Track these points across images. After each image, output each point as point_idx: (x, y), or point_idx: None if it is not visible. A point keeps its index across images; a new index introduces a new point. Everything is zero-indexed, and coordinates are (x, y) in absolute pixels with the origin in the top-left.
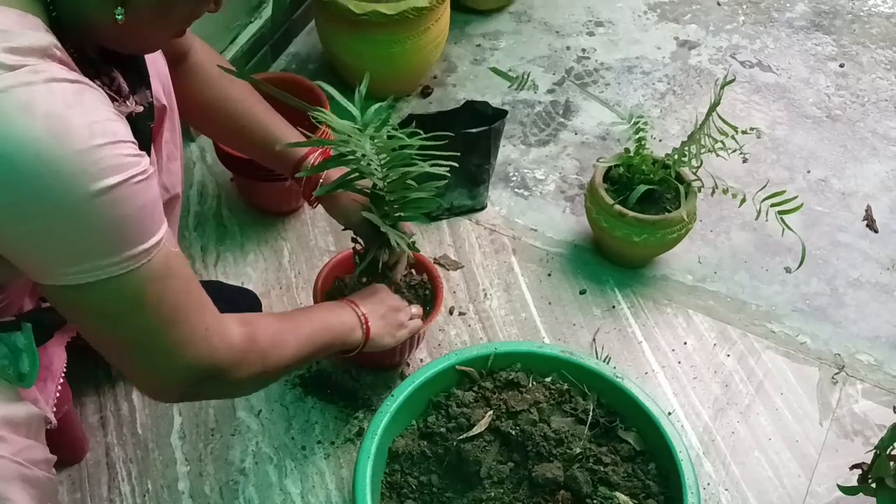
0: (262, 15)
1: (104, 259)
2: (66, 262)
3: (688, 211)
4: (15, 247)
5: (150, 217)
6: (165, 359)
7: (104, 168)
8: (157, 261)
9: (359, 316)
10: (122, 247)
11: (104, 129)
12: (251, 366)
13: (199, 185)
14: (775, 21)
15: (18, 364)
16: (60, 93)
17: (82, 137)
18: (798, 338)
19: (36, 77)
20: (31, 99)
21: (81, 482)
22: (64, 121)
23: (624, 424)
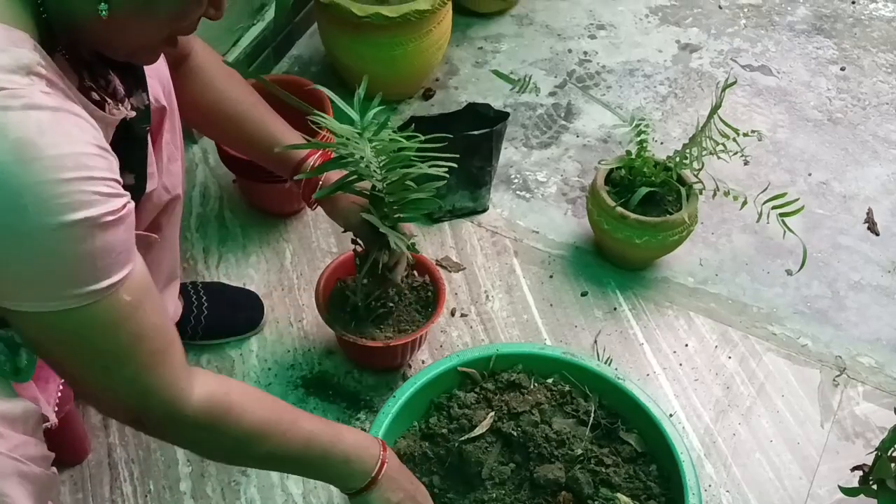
0: (265, 17)
1: (50, 292)
2: (12, 288)
3: (689, 213)
4: None
5: (108, 258)
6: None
7: (67, 203)
8: (108, 303)
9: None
10: (70, 284)
11: (76, 163)
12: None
13: (202, 187)
14: (776, 24)
15: (16, 359)
16: (36, 121)
17: (50, 168)
18: (799, 340)
19: (14, 101)
20: (5, 123)
21: (83, 482)
22: (34, 149)
23: (625, 426)
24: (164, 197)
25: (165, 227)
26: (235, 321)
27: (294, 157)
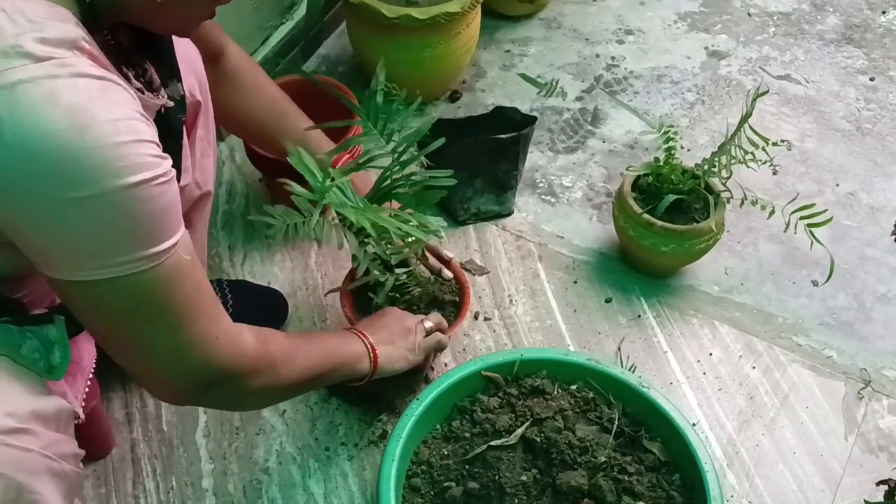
0: (294, 16)
1: (116, 257)
2: (78, 257)
3: (716, 222)
4: (29, 239)
5: (167, 220)
6: (171, 361)
7: (126, 166)
8: (167, 265)
9: (366, 345)
10: (136, 247)
11: (129, 127)
12: (261, 377)
13: (228, 185)
14: (806, 33)
15: (49, 356)
16: (85, 87)
17: (106, 133)
18: (824, 352)
19: (62, 70)
20: (56, 91)
21: (107, 477)
22: (88, 115)
23: (649, 434)
24: (196, 192)
25: (196, 223)
26: (260, 319)
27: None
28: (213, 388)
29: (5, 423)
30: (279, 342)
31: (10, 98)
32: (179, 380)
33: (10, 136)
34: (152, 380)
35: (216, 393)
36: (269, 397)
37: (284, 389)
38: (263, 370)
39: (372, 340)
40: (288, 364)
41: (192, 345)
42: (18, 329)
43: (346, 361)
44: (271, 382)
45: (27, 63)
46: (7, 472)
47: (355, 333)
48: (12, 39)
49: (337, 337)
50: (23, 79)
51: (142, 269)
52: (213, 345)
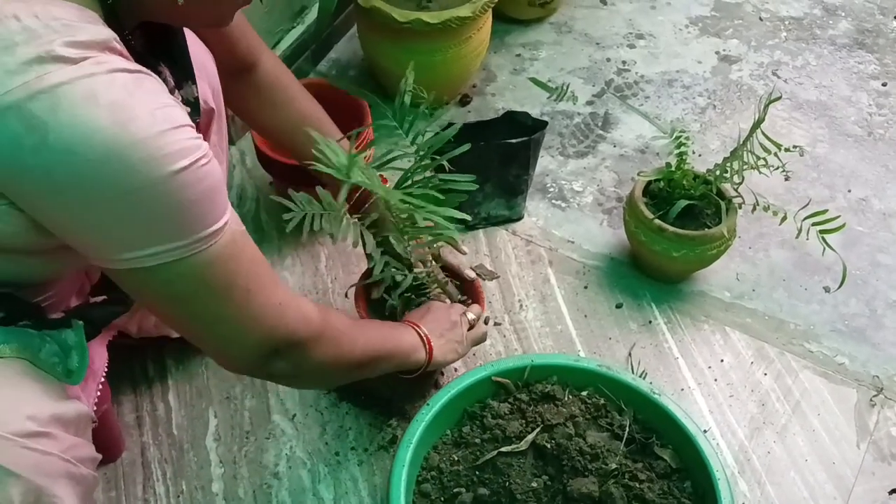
0: (305, 20)
1: (172, 242)
2: (134, 246)
3: (728, 227)
4: (85, 236)
5: (216, 199)
6: (238, 333)
7: (170, 153)
8: (225, 242)
9: (421, 336)
10: (190, 230)
11: (166, 116)
12: (325, 346)
13: (239, 189)
14: (818, 38)
15: (67, 361)
16: (122, 82)
17: (147, 124)
18: (836, 358)
19: (98, 68)
20: (94, 89)
21: (117, 481)
22: (128, 109)
23: (660, 441)
24: None
25: None
26: None
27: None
28: (279, 356)
29: (26, 427)
30: (339, 316)
31: (51, 101)
32: (248, 350)
33: (54, 138)
34: (222, 352)
35: (281, 362)
36: (329, 372)
37: (344, 366)
38: (326, 340)
39: (426, 331)
40: (349, 338)
41: (259, 314)
42: (38, 333)
43: (404, 349)
44: (334, 354)
45: (63, 66)
46: (27, 475)
47: (409, 324)
48: (46, 45)
49: (392, 325)
50: (62, 81)
51: (201, 250)
52: (279, 311)
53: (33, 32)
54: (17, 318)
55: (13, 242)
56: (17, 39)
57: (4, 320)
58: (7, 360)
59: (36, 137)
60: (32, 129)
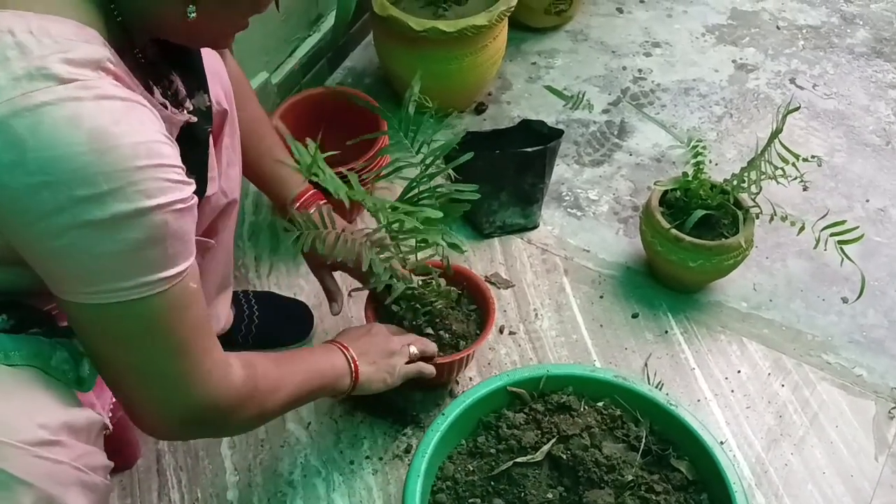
0: (321, 28)
1: (122, 281)
2: (84, 280)
3: (745, 237)
4: (43, 259)
5: (177, 247)
6: (163, 391)
7: (143, 190)
8: (175, 292)
9: (348, 360)
10: (143, 271)
11: (149, 151)
12: (248, 410)
13: (255, 196)
14: (835, 47)
15: (79, 368)
16: (109, 110)
17: (126, 156)
18: (854, 370)
19: (86, 93)
20: (79, 113)
21: (132, 488)
22: (109, 138)
23: (676, 453)
24: (222, 201)
25: (221, 232)
26: (285, 331)
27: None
28: (200, 423)
29: (37, 435)
30: (266, 371)
31: (33, 119)
32: (169, 412)
33: (31, 157)
34: (143, 410)
35: (203, 427)
36: (251, 426)
37: (266, 417)
38: (249, 403)
39: (354, 355)
40: (274, 393)
41: (185, 376)
42: (49, 341)
43: (329, 381)
44: (256, 412)
45: (52, 84)
46: (38, 483)
47: (339, 347)
48: (38, 61)
49: (321, 353)
50: (47, 101)
51: (149, 294)
52: (205, 378)
53: (26, 48)
54: (27, 326)
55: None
56: (9, 55)
57: (15, 328)
58: (18, 367)
59: (13, 155)
60: (11, 147)
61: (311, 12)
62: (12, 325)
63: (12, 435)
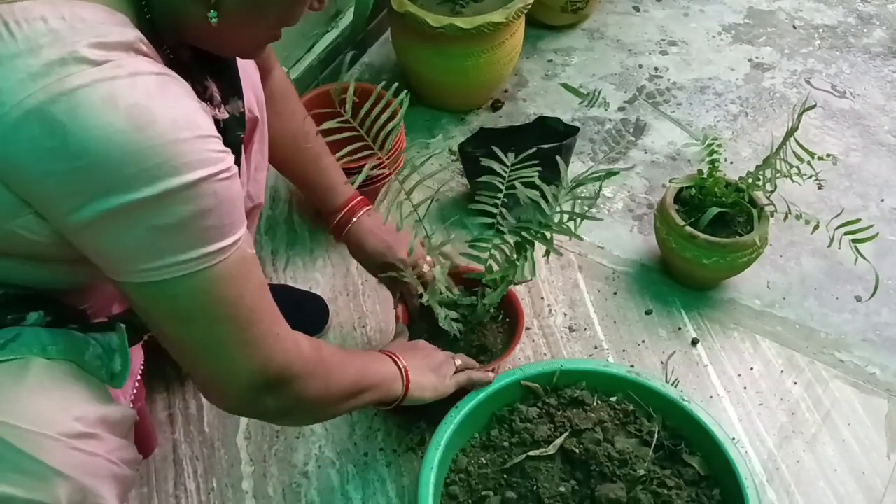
0: (340, 24)
1: (181, 255)
2: (143, 257)
3: (760, 235)
4: (96, 243)
5: (230, 215)
6: (234, 360)
7: (188, 162)
8: (234, 260)
9: (400, 368)
10: (200, 243)
11: (189, 123)
12: (316, 381)
13: (272, 190)
14: (852, 46)
15: (111, 364)
16: (144, 86)
17: (166, 130)
18: (867, 368)
19: (120, 71)
20: (115, 92)
21: (149, 477)
22: (148, 113)
23: (689, 448)
24: (248, 204)
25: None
26: (301, 324)
27: (337, 198)
28: (271, 391)
29: (74, 428)
30: (330, 349)
31: (70, 103)
32: (241, 381)
33: (72, 140)
34: (215, 383)
35: (273, 397)
36: (317, 408)
37: (332, 400)
38: (319, 374)
39: (405, 364)
40: (340, 370)
41: (256, 342)
42: (83, 336)
43: (385, 380)
44: (324, 389)
45: (85, 68)
46: (74, 475)
47: (388, 356)
48: (70, 46)
49: (372, 356)
50: (82, 83)
51: (207, 266)
52: (276, 342)
53: (58, 34)
54: (63, 322)
55: (46, 251)
56: (42, 41)
57: (51, 324)
58: (55, 361)
59: (55, 141)
60: (52, 133)
61: (330, 8)
62: (48, 321)
63: (50, 427)
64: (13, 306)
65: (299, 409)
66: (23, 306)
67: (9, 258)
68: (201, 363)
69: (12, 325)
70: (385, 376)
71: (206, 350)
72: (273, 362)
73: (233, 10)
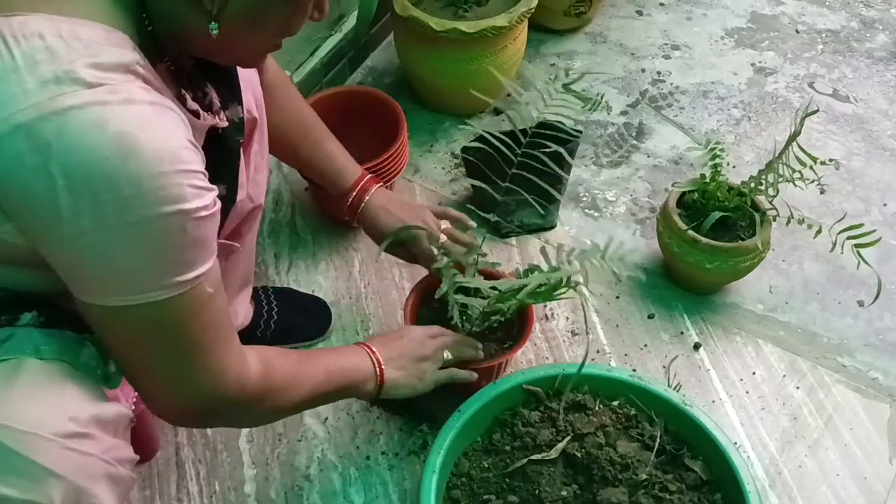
0: (343, 28)
1: (140, 285)
2: (104, 283)
3: (762, 240)
4: (64, 262)
5: (195, 252)
6: (177, 386)
7: (165, 196)
8: (191, 295)
9: (374, 363)
10: (163, 275)
11: (173, 157)
12: (261, 406)
13: (275, 193)
14: (854, 51)
15: (105, 365)
16: (135, 114)
17: (149, 161)
18: (869, 373)
19: (113, 97)
20: (105, 117)
21: (151, 480)
22: (134, 142)
23: (691, 453)
24: (248, 206)
25: (245, 234)
26: (304, 327)
27: (346, 180)
28: (213, 415)
29: (67, 428)
30: (284, 368)
31: (59, 124)
32: (183, 404)
33: (56, 160)
34: (158, 401)
35: (216, 419)
36: (266, 421)
37: (283, 413)
38: (264, 399)
39: (381, 359)
40: (291, 390)
41: (198, 374)
42: (77, 337)
43: (352, 382)
44: (273, 407)
45: (79, 89)
46: (68, 475)
47: (366, 350)
48: (66, 65)
49: (347, 354)
50: (74, 105)
51: (164, 298)
52: (218, 376)
53: (55, 52)
54: (57, 323)
55: (28, 258)
56: (38, 58)
57: (44, 324)
58: (48, 362)
59: (39, 158)
60: (37, 150)
61: (333, 12)
62: (42, 321)
63: (43, 427)
64: (6, 307)
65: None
66: (16, 307)
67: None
68: (144, 382)
69: (6, 326)
70: (355, 378)
71: (149, 372)
72: (213, 394)
73: (233, 22)
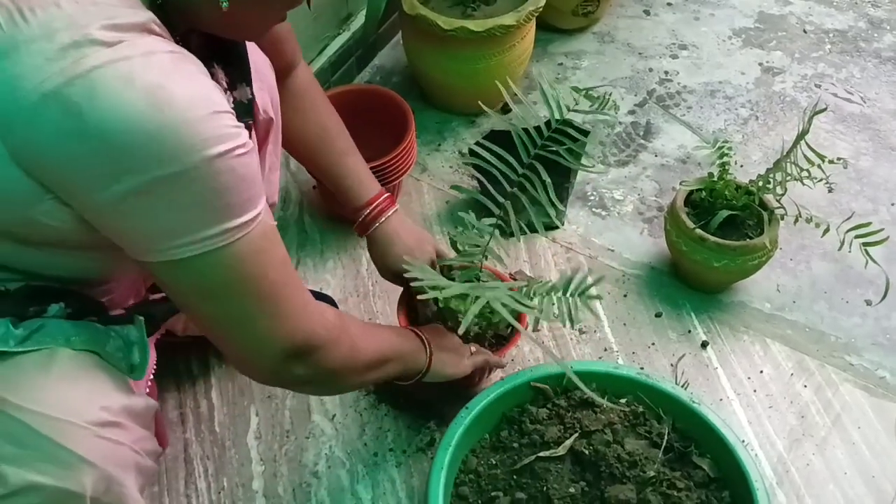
0: (351, 27)
1: (204, 231)
2: (165, 236)
3: (770, 238)
4: (118, 224)
5: (249, 190)
6: (262, 332)
7: (206, 139)
8: (255, 235)
9: (423, 340)
10: (222, 218)
11: (205, 100)
12: (342, 349)
13: (283, 192)
14: (862, 51)
15: (130, 356)
16: (158, 64)
17: (184, 108)
18: (877, 372)
19: (133, 51)
20: (130, 72)
21: (160, 476)
22: (164, 92)
23: (699, 450)
24: None
25: None
26: None
27: (360, 197)
28: (298, 360)
29: (99, 416)
30: (353, 320)
31: (87, 84)
32: (271, 351)
33: (90, 122)
34: (245, 355)
35: (300, 366)
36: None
37: (359, 368)
38: (344, 342)
39: (427, 337)
40: (365, 340)
41: (282, 314)
42: (103, 328)
43: (410, 351)
44: (349, 356)
45: (99, 49)
46: (100, 463)
47: (412, 330)
48: (84, 29)
49: (397, 329)
50: (97, 64)
51: (230, 241)
52: (302, 312)
53: (72, 18)
54: (83, 314)
55: (66, 238)
56: (56, 26)
57: (72, 315)
58: (79, 352)
59: (74, 122)
60: (70, 115)
61: (342, 11)
62: (69, 312)
63: (77, 416)
64: (34, 298)
65: (326, 377)
66: (44, 298)
67: (29, 246)
68: (229, 337)
69: (34, 318)
70: (410, 348)
71: (233, 324)
72: (299, 332)
73: None
